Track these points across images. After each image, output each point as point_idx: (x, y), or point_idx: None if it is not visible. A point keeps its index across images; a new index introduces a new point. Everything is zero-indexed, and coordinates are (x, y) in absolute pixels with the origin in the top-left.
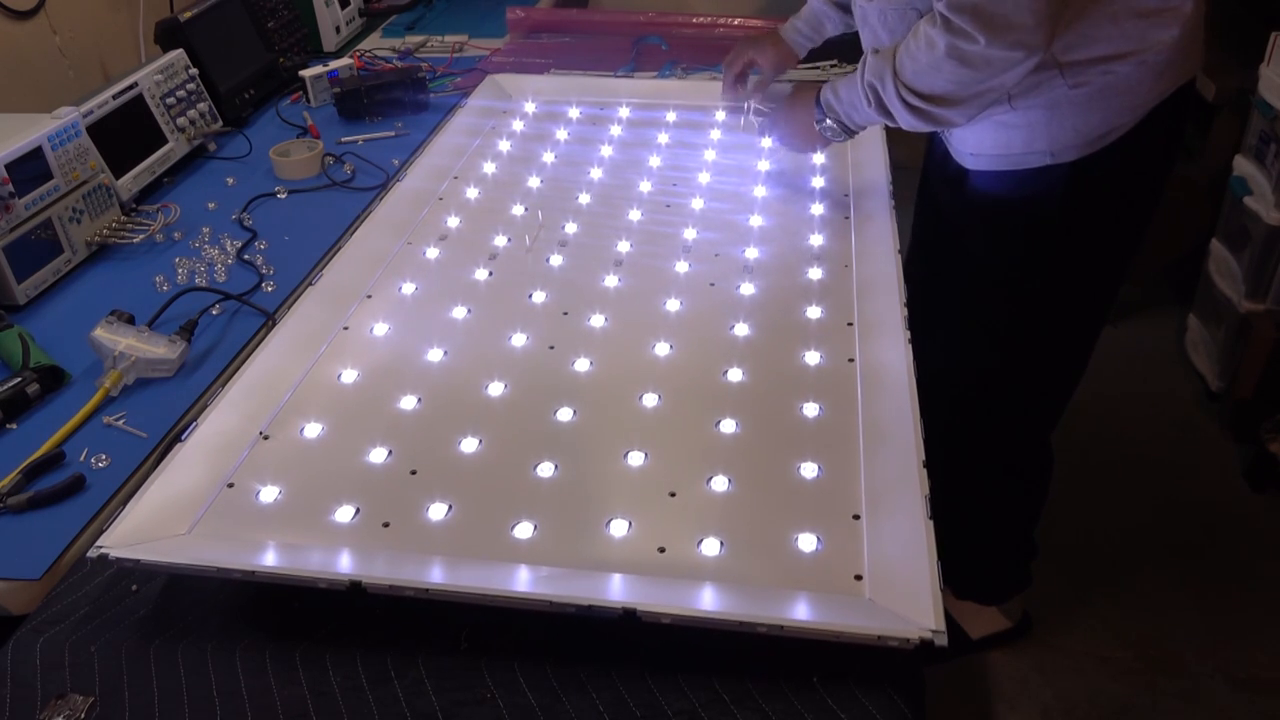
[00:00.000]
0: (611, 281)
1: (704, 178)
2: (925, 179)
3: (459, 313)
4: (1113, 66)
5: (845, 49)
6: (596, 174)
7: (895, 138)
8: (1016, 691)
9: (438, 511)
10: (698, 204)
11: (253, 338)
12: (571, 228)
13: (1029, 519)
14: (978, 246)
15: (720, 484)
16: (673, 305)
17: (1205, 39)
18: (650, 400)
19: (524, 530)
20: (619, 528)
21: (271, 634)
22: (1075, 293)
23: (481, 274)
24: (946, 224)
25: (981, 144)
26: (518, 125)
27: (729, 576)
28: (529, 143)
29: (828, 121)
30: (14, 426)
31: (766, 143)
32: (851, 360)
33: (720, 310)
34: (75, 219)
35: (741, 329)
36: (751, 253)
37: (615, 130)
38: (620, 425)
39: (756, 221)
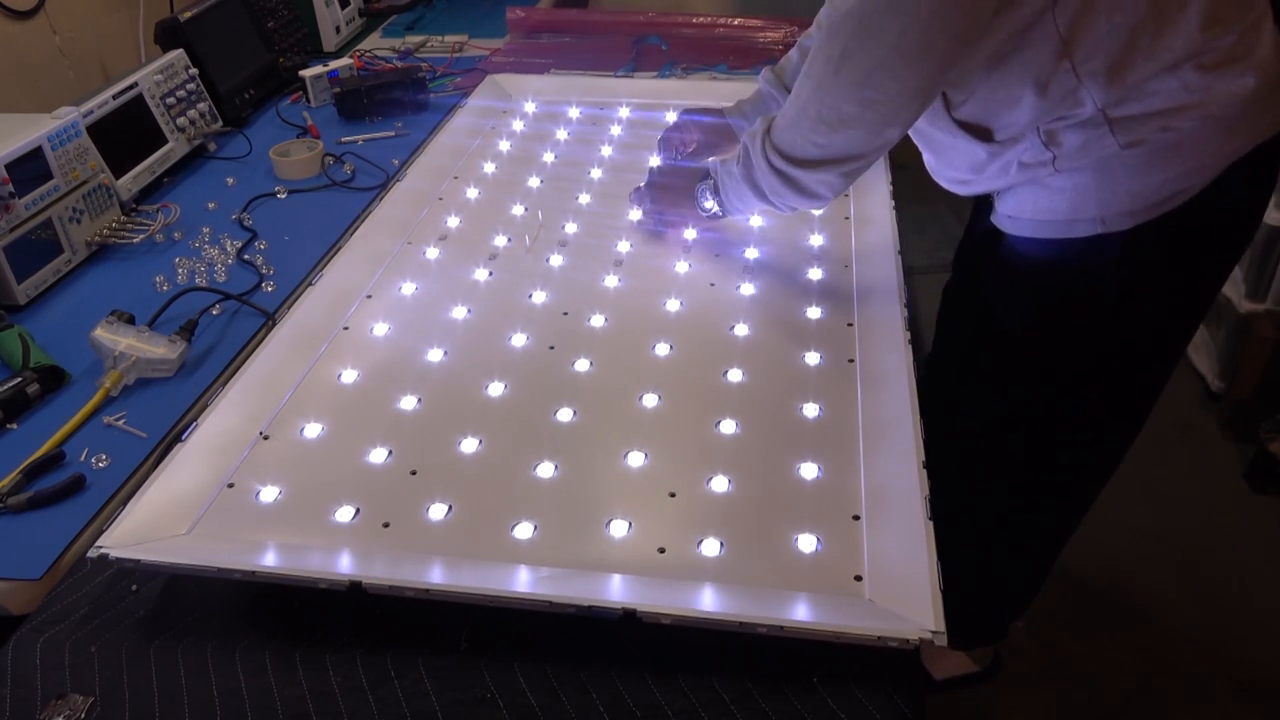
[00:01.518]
0: (611, 281)
1: None
2: (966, 234)
3: (459, 313)
4: (1172, 122)
5: None
6: (596, 174)
7: None
8: (1017, 691)
9: (438, 512)
10: None
11: (253, 338)
12: (571, 228)
13: (1036, 580)
14: (1012, 321)
15: (720, 484)
16: (673, 305)
17: None
18: (650, 400)
19: (524, 530)
20: (619, 528)
21: (271, 634)
22: (1120, 380)
23: (481, 274)
24: (976, 289)
25: (1021, 206)
26: (518, 125)
27: (729, 577)
28: (529, 143)
29: (705, 186)
30: (14, 426)
31: (635, 215)
32: (851, 360)
33: (720, 310)
34: (75, 219)
35: (741, 329)
36: (751, 253)
37: (615, 130)
38: (620, 425)
39: (756, 221)
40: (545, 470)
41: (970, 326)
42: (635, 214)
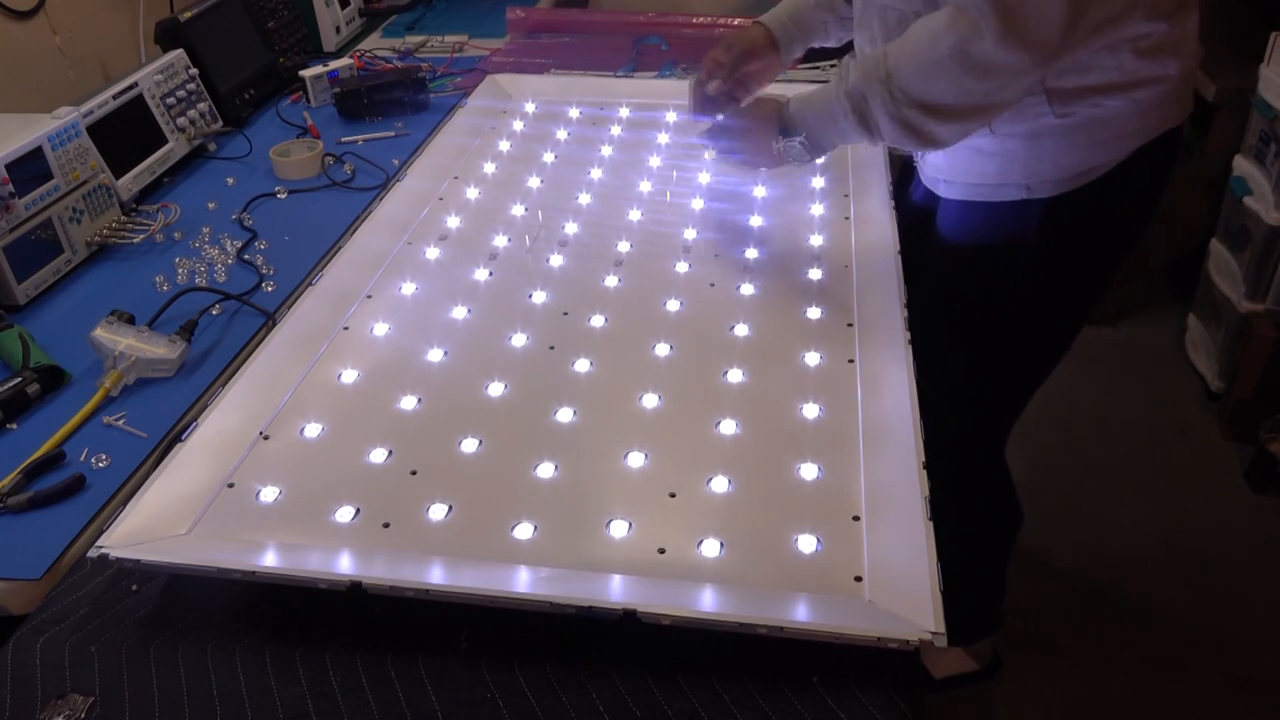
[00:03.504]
0: (611, 281)
1: (704, 178)
2: (901, 198)
3: (459, 313)
4: (1102, 100)
5: (846, 48)
6: (596, 174)
7: None
8: (1017, 691)
9: (438, 512)
10: (698, 204)
11: (253, 338)
12: (571, 228)
13: (997, 556)
14: (944, 274)
15: (720, 485)
16: (673, 305)
17: (1205, 40)
18: (650, 401)
19: (524, 531)
20: (619, 528)
21: (271, 634)
22: (1036, 329)
23: (481, 274)
24: (915, 246)
25: (955, 170)
26: (518, 125)
27: (729, 577)
28: (529, 143)
29: (795, 140)
30: (14, 426)
31: (710, 154)
32: (851, 360)
33: (720, 310)
34: (75, 219)
35: (741, 329)
36: (751, 253)
37: (615, 130)
38: (620, 425)
39: (756, 221)
40: (545, 470)
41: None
42: (709, 153)
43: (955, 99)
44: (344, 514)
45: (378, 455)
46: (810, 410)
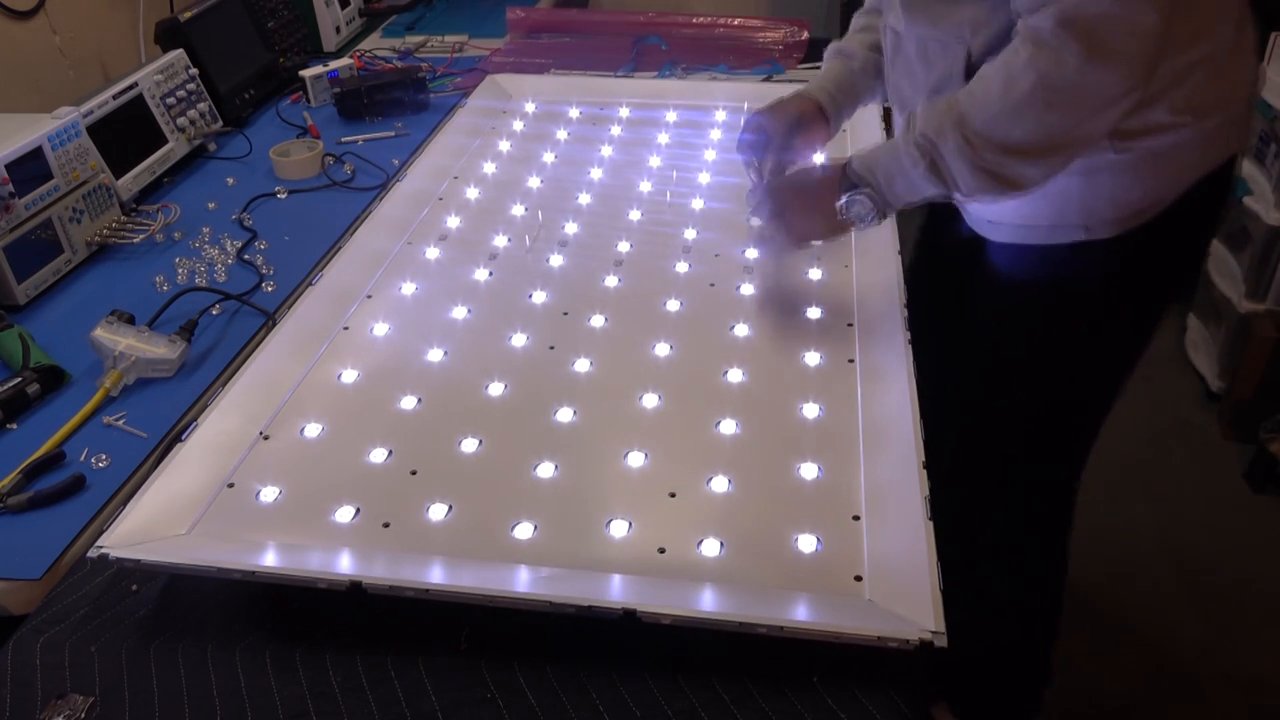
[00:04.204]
0: (611, 281)
1: (704, 178)
2: (927, 237)
3: (459, 313)
4: (1165, 132)
5: None
6: (596, 174)
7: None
8: None
9: (438, 512)
10: (698, 204)
11: (253, 338)
12: (571, 228)
13: (1045, 631)
14: (987, 328)
15: (720, 484)
16: (673, 305)
17: None
18: (650, 400)
19: (524, 530)
20: (619, 528)
21: (271, 634)
22: (1100, 381)
23: (481, 274)
24: (948, 294)
25: (1003, 211)
26: (518, 125)
27: (729, 577)
28: (529, 143)
29: (859, 196)
30: (14, 426)
31: (755, 222)
32: (851, 360)
33: (720, 310)
34: (75, 219)
35: (741, 329)
36: (751, 253)
37: (615, 130)
38: (620, 425)
39: (756, 222)
40: (545, 470)
41: (940, 337)
42: (755, 221)
43: (1041, 136)
44: (344, 514)
45: (378, 455)
46: (810, 410)
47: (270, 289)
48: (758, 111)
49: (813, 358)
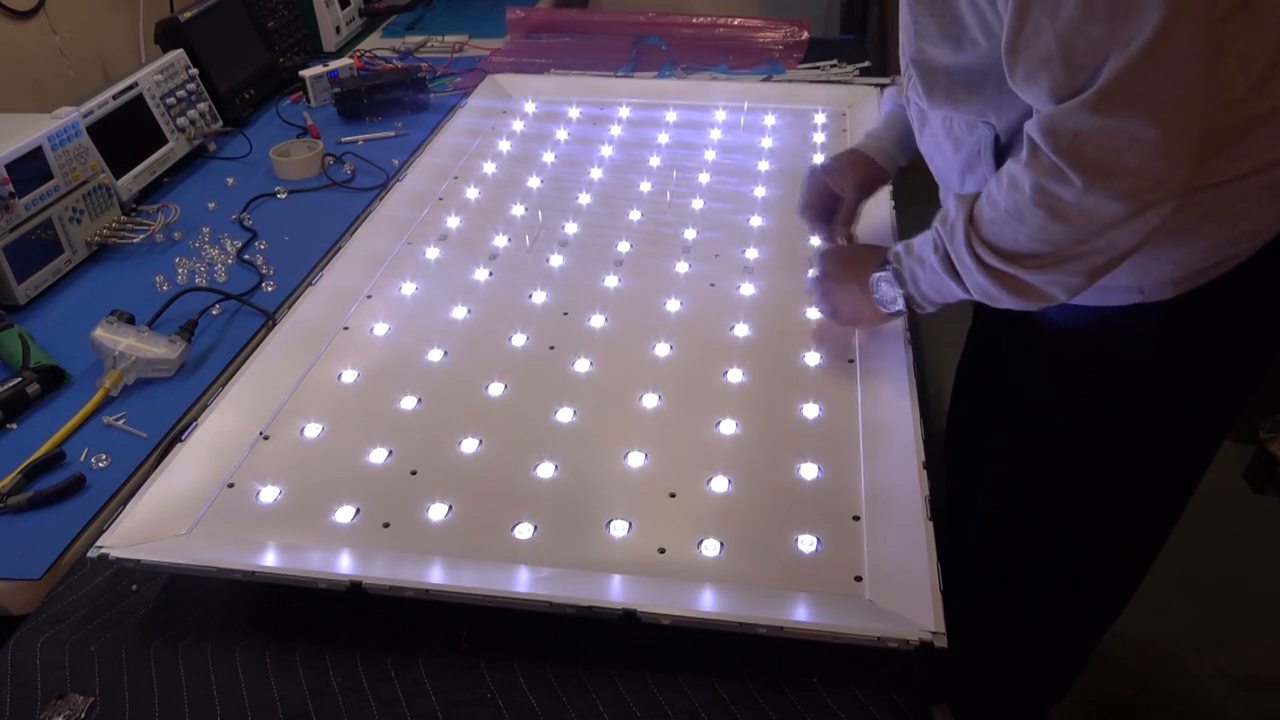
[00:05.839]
0: (611, 281)
1: (704, 178)
2: (979, 307)
3: (459, 313)
4: (1227, 188)
5: (847, 49)
6: (596, 174)
7: None
8: None
9: (438, 512)
10: (698, 204)
11: (253, 338)
12: (571, 228)
13: (1067, 672)
14: (1035, 398)
15: (720, 485)
16: (673, 305)
17: None
18: (650, 400)
19: (524, 530)
20: (619, 528)
21: (271, 634)
22: (1161, 461)
23: (481, 274)
24: (997, 362)
25: None
26: (518, 125)
27: (729, 577)
28: (529, 143)
29: (886, 274)
30: (14, 426)
31: (814, 314)
32: (851, 360)
33: (720, 310)
34: (75, 219)
35: (741, 329)
36: (751, 253)
37: (615, 130)
38: (620, 425)
39: (756, 221)
40: (545, 470)
41: (992, 403)
42: (813, 312)
43: (1043, 247)
44: (344, 514)
45: (378, 455)
46: (810, 410)
47: (270, 289)
48: (821, 173)
49: (813, 358)
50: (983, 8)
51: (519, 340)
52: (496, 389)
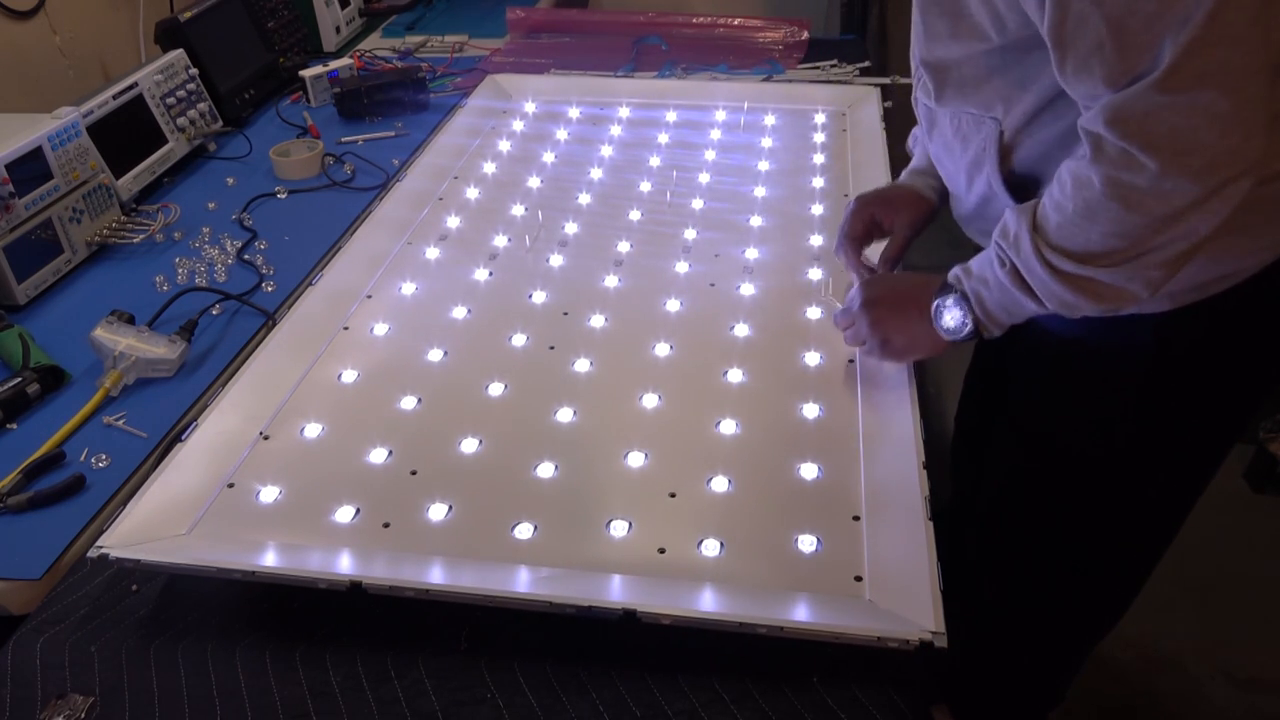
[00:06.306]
0: (611, 281)
1: (704, 178)
2: None
3: (459, 313)
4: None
5: (847, 49)
6: (596, 174)
7: (895, 134)
8: None
9: (438, 512)
10: (698, 204)
11: (253, 338)
12: (571, 228)
13: (1061, 679)
14: (1034, 406)
15: (720, 485)
16: (673, 305)
17: None
18: (650, 400)
19: (524, 531)
20: (619, 528)
21: (271, 634)
22: (1160, 471)
23: (481, 274)
24: (1000, 369)
25: None
26: (518, 125)
27: (729, 577)
28: (529, 143)
29: (949, 299)
30: (14, 426)
31: (851, 348)
32: (851, 360)
33: (720, 310)
34: (75, 219)
35: (741, 329)
36: (751, 253)
37: (615, 130)
38: (620, 425)
39: (756, 221)
40: (545, 470)
41: (995, 409)
42: (850, 349)
43: (1120, 242)
44: (344, 514)
45: (378, 455)
46: (810, 410)
47: (270, 289)
48: (871, 204)
49: (813, 358)
50: (995, 1)
51: (519, 340)
52: (496, 389)
